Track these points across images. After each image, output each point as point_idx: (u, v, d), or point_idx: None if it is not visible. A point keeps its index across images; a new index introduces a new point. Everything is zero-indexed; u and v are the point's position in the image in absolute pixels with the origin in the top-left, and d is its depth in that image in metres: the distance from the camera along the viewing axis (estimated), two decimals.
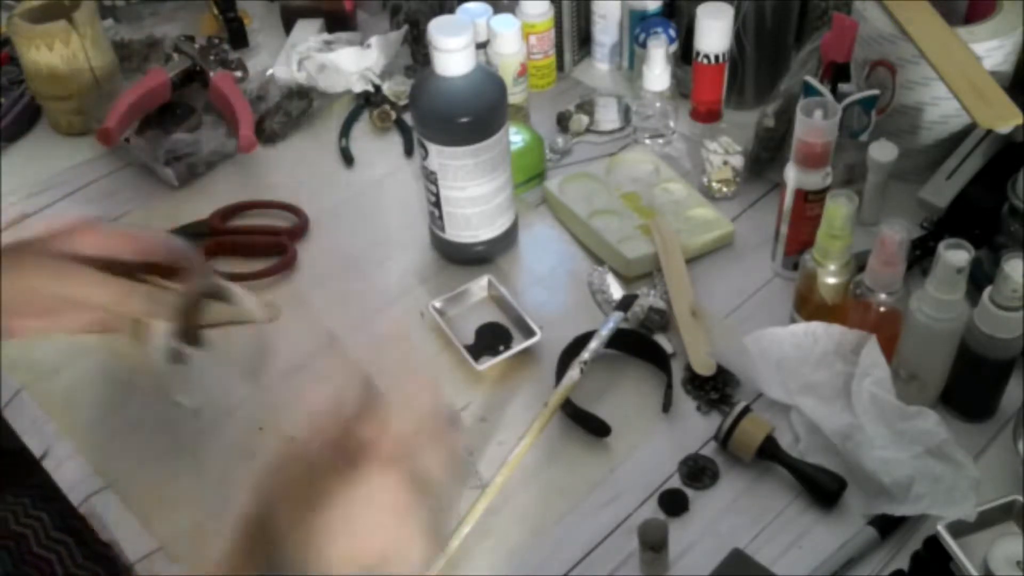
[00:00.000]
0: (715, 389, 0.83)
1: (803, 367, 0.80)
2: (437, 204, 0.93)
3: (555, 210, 1.02)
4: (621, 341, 0.86)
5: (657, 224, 0.95)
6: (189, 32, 1.26)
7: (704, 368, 0.84)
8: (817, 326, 0.80)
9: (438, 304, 0.91)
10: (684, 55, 1.11)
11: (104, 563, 0.87)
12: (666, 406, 0.82)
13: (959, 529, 0.66)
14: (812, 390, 0.80)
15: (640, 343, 0.87)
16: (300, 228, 1.02)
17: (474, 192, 0.91)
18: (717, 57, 1.04)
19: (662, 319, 0.88)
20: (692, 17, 1.04)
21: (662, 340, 0.87)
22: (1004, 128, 0.87)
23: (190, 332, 0.72)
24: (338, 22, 1.26)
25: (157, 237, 0.70)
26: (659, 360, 0.86)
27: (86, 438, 0.84)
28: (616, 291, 0.92)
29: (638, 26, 1.11)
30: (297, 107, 1.16)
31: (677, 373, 0.85)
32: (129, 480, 0.81)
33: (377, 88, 1.17)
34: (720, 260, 0.96)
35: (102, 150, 1.12)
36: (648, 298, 0.89)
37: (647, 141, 1.08)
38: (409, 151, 1.12)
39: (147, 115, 1.12)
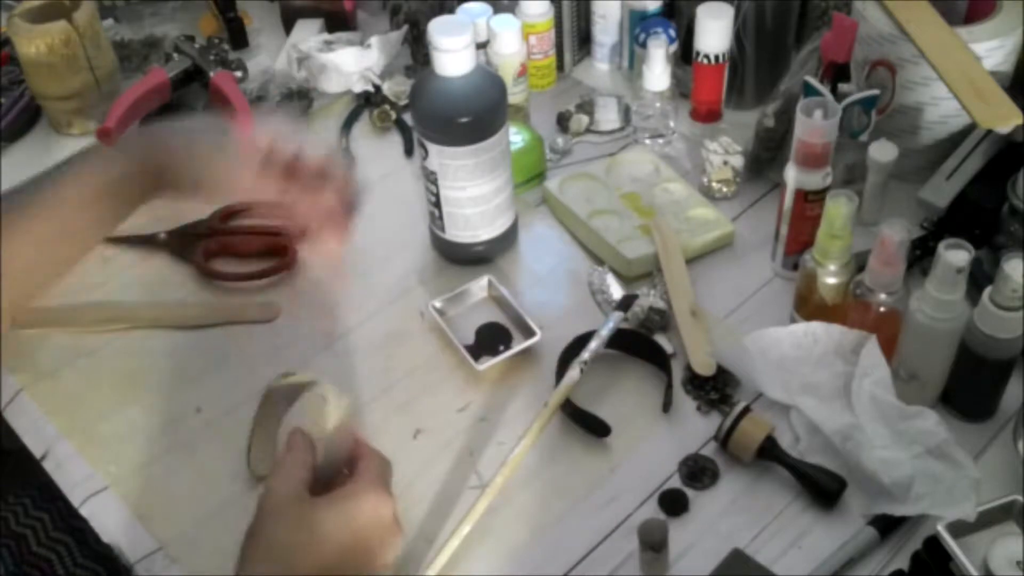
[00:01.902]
0: (715, 389, 0.83)
1: (803, 367, 0.80)
2: (437, 204, 0.93)
3: (555, 210, 1.02)
4: (621, 341, 0.86)
5: (657, 224, 0.95)
6: (189, 32, 1.26)
7: (704, 368, 0.84)
8: (817, 326, 0.80)
9: (438, 304, 0.91)
10: (684, 55, 1.11)
11: (104, 563, 0.87)
12: (666, 406, 0.82)
13: (959, 529, 0.66)
14: (812, 390, 0.80)
15: (640, 343, 0.87)
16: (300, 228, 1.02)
17: (474, 192, 0.91)
18: (717, 57, 1.04)
19: (662, 319, 0.88)
20: (692, 17, 1.04)
21: (662, 340, 0.87)
22: (1004, 128, 0.87)
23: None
24: (338, 22, 1.26)
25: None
26: (659, 360, 0.86)
27: (86, 438, 0.84)
28: (616, 291, 0.92)
29: (638, 26, 1.11)
30: (297, 107, 1.16)
31: (677, 373, 0.85)
32: (129, 480, 0.81)
33: (377, 88, 1.17)
34: (720, 260, 0.96)
35: None
36: (648, 298, 0.89)
37: (647, 141, 1.08)
38: (409, 151, 1.11)
39: (147, 115, 1.12)
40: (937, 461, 0.72)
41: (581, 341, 0.85)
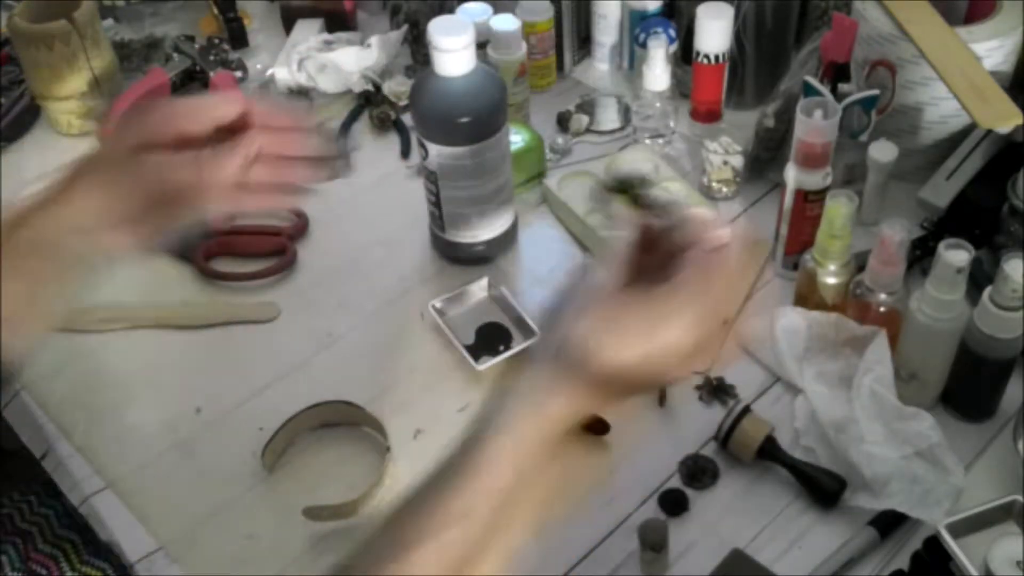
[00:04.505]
0: (716, 377, 0.84)
1: (819, 355, 0.81)
2: (437, 204, 0.93)
3: (554, 207, 1.02)
4: None
5: None
6: (189, 32, 1.26)
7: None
8: (836, 317, 0.80)
9: (438, 304, 0.91)
10: (684, 55, 1.11)
11: (110, 559, 0.87)
12: (661, 400, 0.83)
13: (959, 529, 0.66)
14: (824, 379, 0.80)
15: None
16: (300, 228, 1.02)
17: (474, 192, 0.91)
18: (717, 57, 1.04)
19: None
20: (692, 17, 1.04)
21: None
22: (1004, 128, 0.87)
23: None
24: (338, 22, 1.26)
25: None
26: None
27: (86, 438, 0.84)
28: None
29: (638, 26, 1.11)
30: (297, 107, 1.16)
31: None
32: (129, 480, 0.81)
33: (377, 88, 1.17)
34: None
35: None
36: None
37: (647, 141, 1.08)
38: (406, 153, 1.11)
39: None
40: (924, 463, 0.72)
41: None
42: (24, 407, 0.88)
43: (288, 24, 1.27)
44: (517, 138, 1.02)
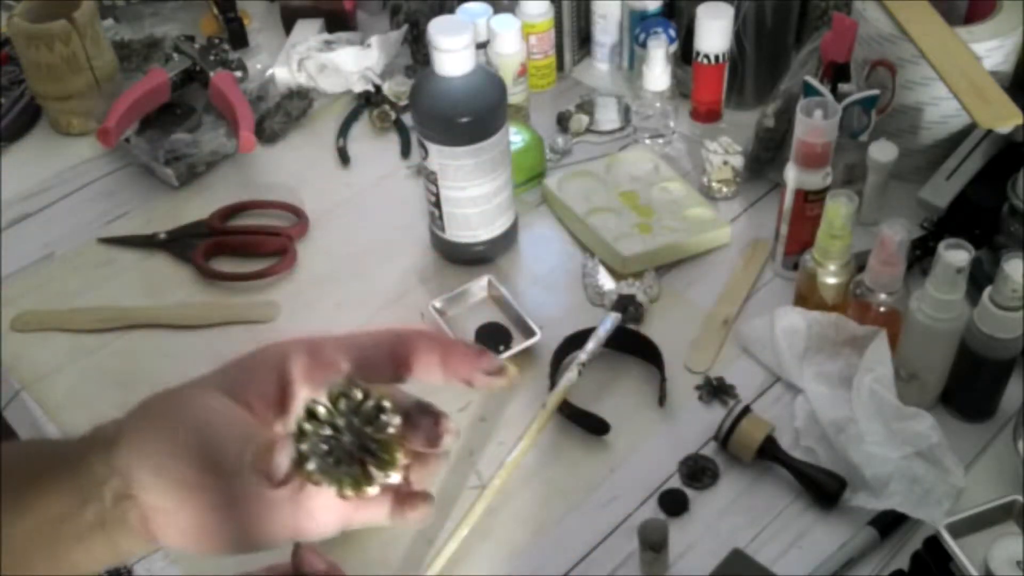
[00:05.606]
0: (716, 377, 0.84)
1: (819, 355, 0.81)
2: (437, 204, 0.93)
3: (553, 207, 1.02)
4: (612, 338, 0.86)
5: None
6: (189, 32, 1.26)
7: (698, 364, 0.84)
8: (836, 317, 0.80)
9: (438, 304, 0.91)
10: (684, 55, 1.11)
11: None
12: (661, 400, 0.83)
13: (959, 529, 0.66)
14: (824, 379, 0.80)
15: (632, 339, 0.87)
16: (300, 228, 1.02)
17: (474, 192, 0.91)
18: (717, 57, 1.04)
19: (637, 311, 0.88)
20: (692, 17, 1.04)
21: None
22: (1004, 128, 0.87)
23: None
24: (338, 22, 1.26)
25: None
26: (651, 355, 0.85)
27: None
28: (606, 281, 0.92)
29: (638, 26, 1.11)
30: (297, 107, 1.16)
31: (674, 369, 0.85)
32: None
33: (377, 88, 1.17)
34: (719, 259, 0.96)
35: (102, 150, 1.12)
36: (631, 289, 0.90)
37: (647, 141, 1.08)
38: (406, 153, 1.11)
39: (147, 115, 1.12)
40: (924, 464, 0.72)
41: (572, 341, 0.85)
42: (24, 407, 0.88)
43: (288, 24, 1.27)
44: (517, 138, 1.02)
